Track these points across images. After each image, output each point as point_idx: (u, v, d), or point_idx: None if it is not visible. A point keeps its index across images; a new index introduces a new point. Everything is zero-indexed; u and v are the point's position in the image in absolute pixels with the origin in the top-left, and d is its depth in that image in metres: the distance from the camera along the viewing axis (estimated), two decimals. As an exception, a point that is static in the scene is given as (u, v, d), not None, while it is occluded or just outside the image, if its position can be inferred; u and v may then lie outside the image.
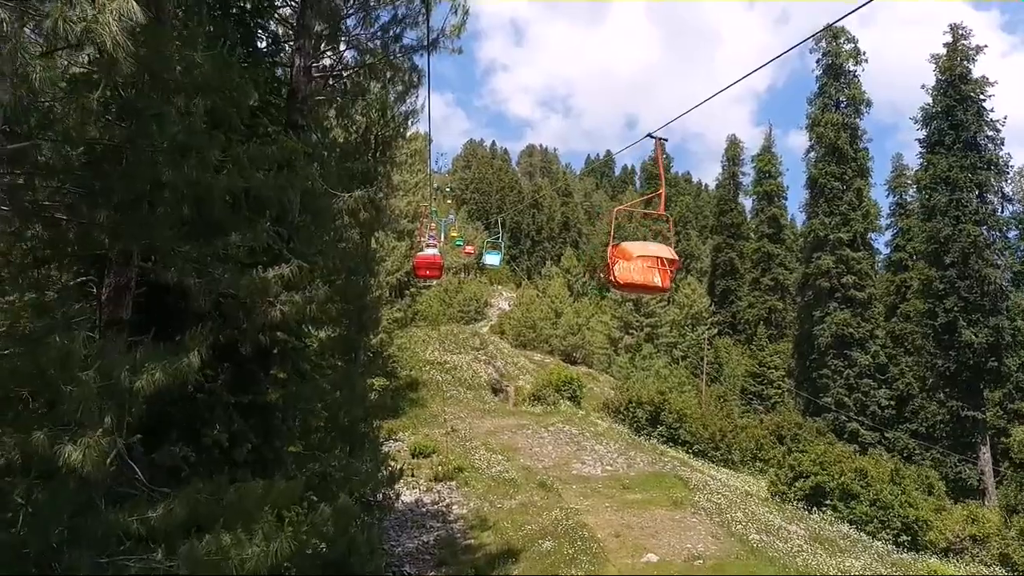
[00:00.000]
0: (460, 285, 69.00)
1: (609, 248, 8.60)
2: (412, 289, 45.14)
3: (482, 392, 39.88)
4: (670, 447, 32.58)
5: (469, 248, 64.80)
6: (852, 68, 56.09)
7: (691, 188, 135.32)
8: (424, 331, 46.08)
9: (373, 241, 21.51)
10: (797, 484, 25.42)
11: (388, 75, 15.76)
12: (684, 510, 21.73)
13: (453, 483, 25.86)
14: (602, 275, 8.76)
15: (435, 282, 53.47)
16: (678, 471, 27.27)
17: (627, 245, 8.49)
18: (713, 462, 32.54)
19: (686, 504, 22.27)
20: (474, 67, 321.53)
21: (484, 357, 44.90)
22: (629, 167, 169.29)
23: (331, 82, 15.06)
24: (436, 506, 23.82)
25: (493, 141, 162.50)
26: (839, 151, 53.79)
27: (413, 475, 27.12)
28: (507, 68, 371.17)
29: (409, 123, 17.88)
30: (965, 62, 45.32)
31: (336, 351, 18.10)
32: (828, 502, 24.55)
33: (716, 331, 65.12)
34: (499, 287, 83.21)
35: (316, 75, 13.30)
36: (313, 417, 10.84)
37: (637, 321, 63.99)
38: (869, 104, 55.47)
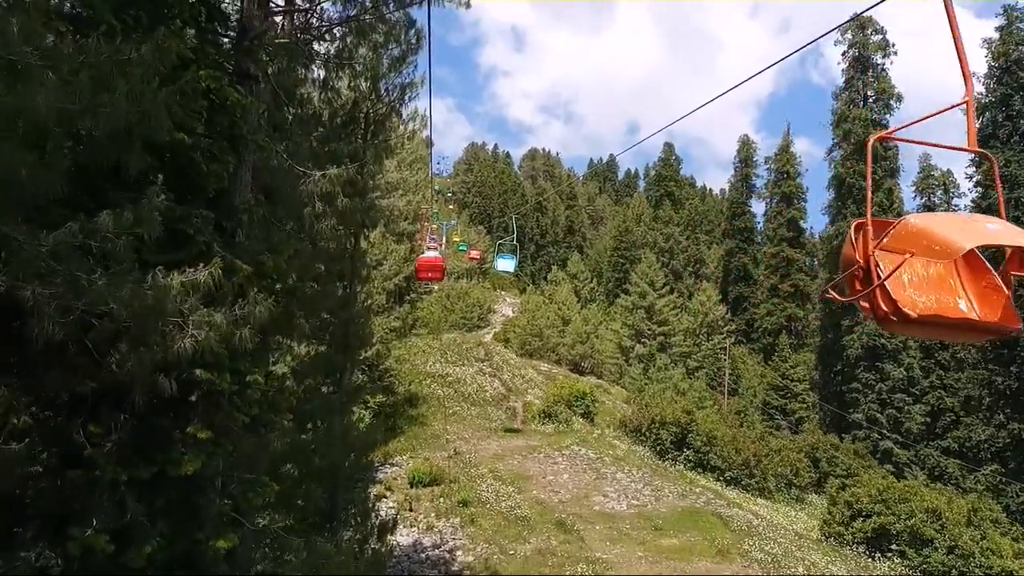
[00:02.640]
0: (463, 291, 65.52)
1: (864, 234, 3.72)
2: (412, 295, 41.80)
3: (488, 408, 36.45)
4: (698, 474, 29.10)
5: (474, 253, 61.41)
6: (880, 61, 52.79)
7: (696, 192, 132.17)
8: (425, 341, 42.71)
9: (364, 241, 18.03)
10: (856, 524, 21.92)
11: (380, 36, 12.46)
12: (733, 562, 18.26)
13: (457, 520, 22.38)
14: (830, 293, 4.12)
15: (436, 287, 50.29)
16: (714, 506, 23.81)
17: (925, 222, 3.51)
18: (747, 491, 29.04)
19: (734, 553, 18.79)
20: (475, 73, 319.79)
21: (489, 369, 41.45)
22: (632, 171, 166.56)
23: (307, 38, 11.78)
24: (438, 551, 20.33)
25: (495, 144, 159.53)
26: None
27: (411, 509, 23.71)
28: (508, 74, 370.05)
29: (406, 98, 14.48)
30: (1022, 47, 41.71)
31: (316, 373, 14.71)
32: (894, 547, 21.05)
33: (732, 340, 61.67)
34: (503, 293, 79.69)
35: (277, 9, 9.95)
36: (258, 492, 7.36)
37: (649, 329, 60.61)
38: (900, 99, 52.14)
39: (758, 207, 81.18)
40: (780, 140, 71.80)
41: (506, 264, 27.43)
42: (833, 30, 8.78)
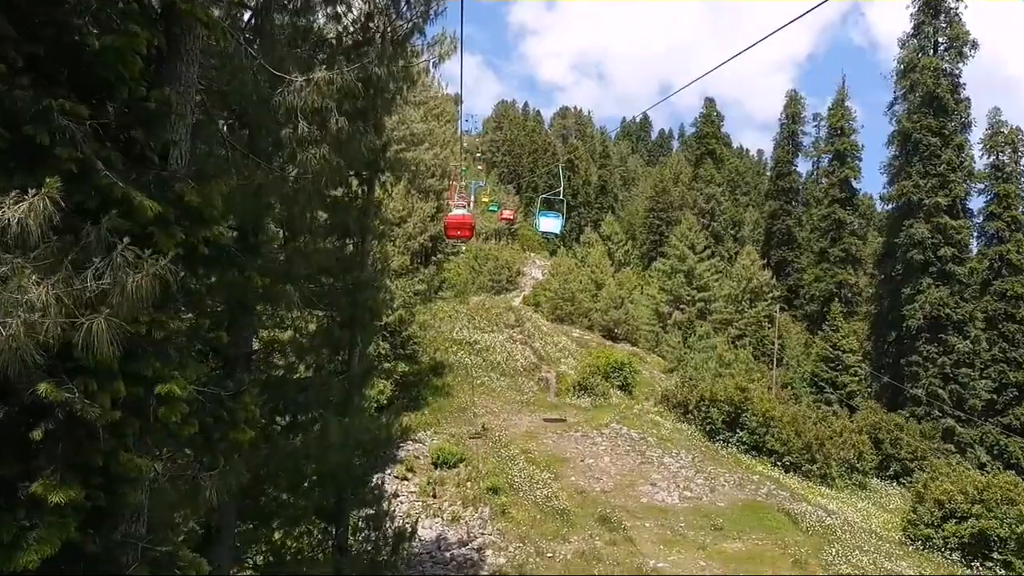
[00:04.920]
0: (490, 252, 62.58)
1: None
2: (439, 255, 39.08)
3: (518, 379, 33.79)
4: (753, 458, 26.21)
5: (507, 213, 58.14)
6: (953, 5, 47.66)
7: (733, 152, 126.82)
8: (451, 305, 39.99)
9: (380, 189, 14.90)
10: (948, 527, 18.92)
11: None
12: (814, 576, 15.44)
13: (486, 511, 19.86)
14: None
15: (464, 247, 47.45)
16: (778, 499, 21.00)
17: None
18: (808, 478, 26.10)
19: (812, 564, 15.94)
20: (505, 32, 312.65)
21: (520, 336, 38.70)
22: (666, 131, 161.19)
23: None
24: (464, 549, 17.81)
25: (526, 102, 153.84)
26: (938, 101, 45.74)
27: (435, 496, 21.27)
28: (537, 32, 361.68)
29: (432, 13, 11.36)
30: None
31: (318, 351, 11.95)
32: (997, 555, 18.05)
33: (778, 307, 58.08)
34: (532, 255, 76.53)
35: None
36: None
37: (689, 295, 57.29)
38: (975, 46, 47.04)
39: (802, 167, 76.25)
40: (834, 95, 66.44)
41: (550, 223, 23.31)
42: None
